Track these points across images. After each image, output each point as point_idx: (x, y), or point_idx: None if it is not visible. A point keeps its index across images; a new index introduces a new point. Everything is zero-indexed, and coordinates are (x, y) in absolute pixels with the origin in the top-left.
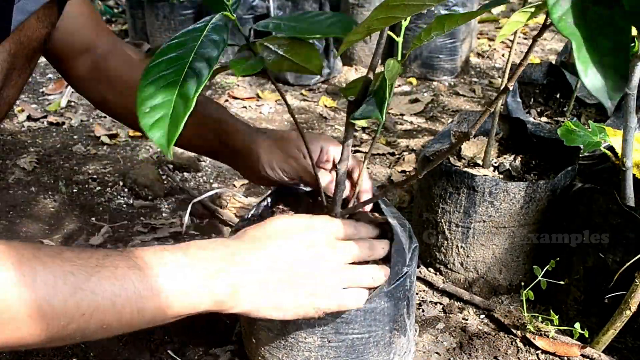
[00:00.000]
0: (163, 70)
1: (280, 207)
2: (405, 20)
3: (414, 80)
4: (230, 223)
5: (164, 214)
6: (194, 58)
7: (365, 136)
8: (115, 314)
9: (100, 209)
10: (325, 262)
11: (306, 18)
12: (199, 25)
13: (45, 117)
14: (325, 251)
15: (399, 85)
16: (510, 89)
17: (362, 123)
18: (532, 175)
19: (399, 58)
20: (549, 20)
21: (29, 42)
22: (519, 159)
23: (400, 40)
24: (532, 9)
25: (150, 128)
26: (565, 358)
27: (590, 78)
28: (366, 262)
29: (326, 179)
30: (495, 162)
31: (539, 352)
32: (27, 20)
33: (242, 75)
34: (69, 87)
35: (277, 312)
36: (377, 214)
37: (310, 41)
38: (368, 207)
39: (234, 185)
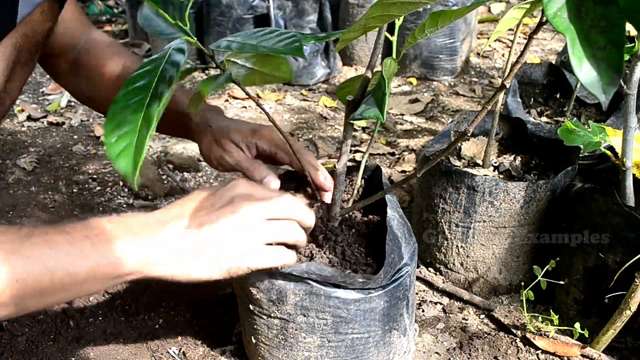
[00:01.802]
0: (130, 99)
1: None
2: (399, 20)
3: (414, 80)
4: None
5: None
6: (157, 83)
7: (365, 136)
8: (50, 277)
9: (100, 209)
10: (239, 226)
11: (257, 36)
12: (162, 52)
13: (45, 117)
14: (243, 219)
15: (399, 85)
16: (508, 86)
17: (362, 123)
18: (532, 175)
19: (395, 55)
20: (544, 18)
21: (34, 36)
22: (519, 159)
23: (394, 39)
24: (527, 6)
25: (117, 158)
26: (565, 358)
27: (585, 72)
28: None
29: (263, 173)
30: (495, 162)
31: (539, 352)
32: (33, 13)
33: (210, 92)
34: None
35: (195, 271)
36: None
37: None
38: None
39: None
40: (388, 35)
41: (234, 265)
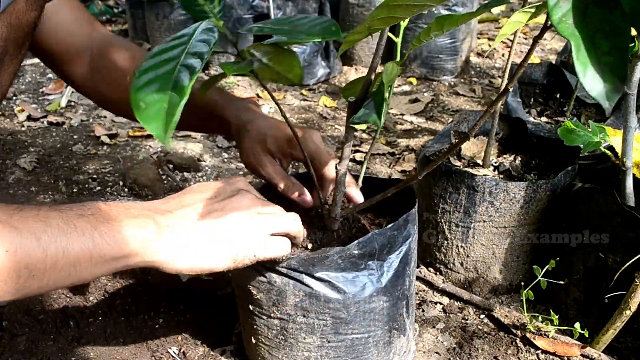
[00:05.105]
0: (156, 69)
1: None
2: (404, 21)
3: (414, 80)
4: None
5: None
6: (185, 57)
7: (365, 136)
8: (42, 252)
9: None
10: (245, 216)
11: (290, 22)
12: (188, 30)
13: (45, 117)
14: (243, 207)
15: (399, 85)
16: (511, 90)
17: (362, 125)
18: (532, 175)
19: (398, 59)
20: (549, 22)
21: (20, 26)
22: (519, 159)
23: (399, 41)
24: (533, 10)
25: (148, 121)
26: (565, 358)
27: (589, 79)
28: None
29: (296, 192)
30: (495, 162)
31: (539, 352)
32: (16, 2)
33: (232, 74)
34: (69, 87)
35: (201, 261)
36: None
37: (296, 47)
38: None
39: None
40: (392, 36)
41: (241, 253)
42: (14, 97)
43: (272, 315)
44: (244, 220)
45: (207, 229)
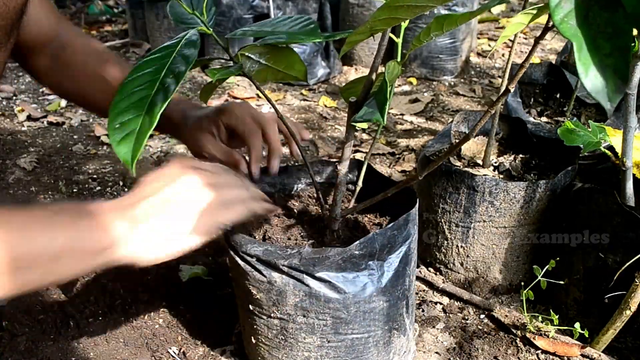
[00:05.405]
0: (137, 86)
1: (279, 212)
2: (405, 22)
3: (414, 80)
4: None
5: None
6: (165, 74)
7: (365, 136)
8: (27, 246)
9: None
10: (200, 190)
11: (272, 23)
12: (174, 41)
13: (45, 117)
14: (200, 184)
15: (399, 85)
16: (512, 91)
17: (363, 124)
18: (532, 175)
19: (399, 59)
20: (551, 22)
21: (7, 13)
22: (519, 158)
23: (399, 41)
24: (534, 11)
25: (118, 144)
26: (565, 358)
27: (591, 79)
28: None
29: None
30: (495, 162)
31: (539, 352)
32: None
33: (218, 79)
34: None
35: (177, 242)
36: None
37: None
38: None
39: None
40: (393, 36)
41: (209, 224)
42: (14, 97)
43: (272, 315)
44: (200, 194)
45: (173, 211)
